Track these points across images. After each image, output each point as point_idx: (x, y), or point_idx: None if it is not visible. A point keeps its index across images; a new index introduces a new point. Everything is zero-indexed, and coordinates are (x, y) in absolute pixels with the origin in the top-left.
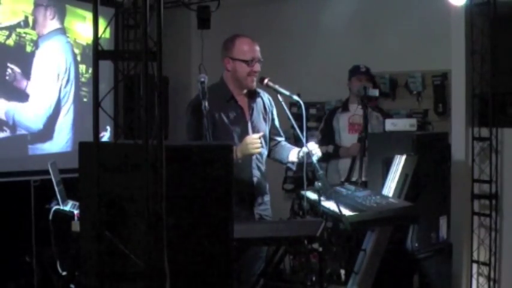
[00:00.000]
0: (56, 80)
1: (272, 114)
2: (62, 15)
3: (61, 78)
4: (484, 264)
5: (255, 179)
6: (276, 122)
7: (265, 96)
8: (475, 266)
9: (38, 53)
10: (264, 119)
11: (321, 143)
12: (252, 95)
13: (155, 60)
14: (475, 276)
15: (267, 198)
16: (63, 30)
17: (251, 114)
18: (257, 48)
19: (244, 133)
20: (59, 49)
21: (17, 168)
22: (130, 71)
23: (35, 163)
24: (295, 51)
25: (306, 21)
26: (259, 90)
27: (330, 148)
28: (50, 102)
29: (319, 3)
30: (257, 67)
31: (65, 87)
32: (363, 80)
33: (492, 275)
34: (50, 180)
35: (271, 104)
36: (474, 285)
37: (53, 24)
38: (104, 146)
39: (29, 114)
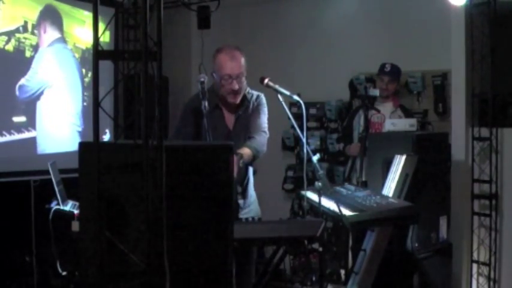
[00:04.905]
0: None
1: (258, 111)
2: (60, 22)
3: (68, 87)
4: (484, 264)
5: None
6: (258, 119)
7: (254, 98)
8: (475, 266)
9: (41, 61)
10: None
11: (338, 141)
12: (241, 102)
13: (155, 60)
14: (475, 276)
15: (249, 201)
16: (63, 39)
17: (234, 125)
18: (238, 64)
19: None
20: (63, 59)
21: (18, 168)
22: (130, 71)
23: (35, 163)
24: (295, 51)
25: (305, 21)
26: (252, 93)
27: (341, 146)
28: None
29: (318, 3)
30: (234, 85)
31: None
32: (385, 80)
33: (492, 275)
34: (50, 180)
35: (259, 103)
36: (474, 285)
37: (53, 33)
38: (104, 146)
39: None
